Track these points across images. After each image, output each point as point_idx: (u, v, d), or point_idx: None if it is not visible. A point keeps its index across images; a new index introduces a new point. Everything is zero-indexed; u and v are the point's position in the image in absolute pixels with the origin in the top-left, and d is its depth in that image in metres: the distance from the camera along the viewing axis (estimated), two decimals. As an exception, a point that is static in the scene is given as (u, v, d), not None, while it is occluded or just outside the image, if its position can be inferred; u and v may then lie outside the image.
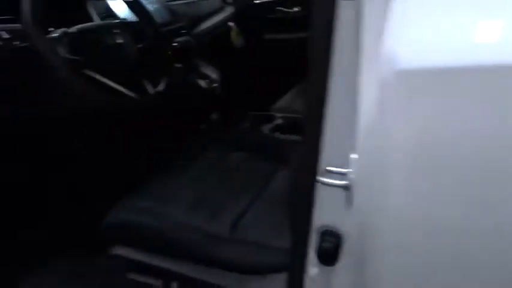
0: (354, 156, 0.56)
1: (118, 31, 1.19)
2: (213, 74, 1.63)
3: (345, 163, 0.56)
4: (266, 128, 1.57)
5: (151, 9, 1.39)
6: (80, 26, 1.12)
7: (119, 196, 1.14)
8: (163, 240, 1.03)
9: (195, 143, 1.42)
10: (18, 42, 1.14)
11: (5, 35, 1.16)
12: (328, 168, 0.58)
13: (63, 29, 1.09)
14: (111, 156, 1.44)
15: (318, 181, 0.59)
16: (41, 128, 1.25)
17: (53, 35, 1.06)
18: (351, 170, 0.56)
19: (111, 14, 1.40)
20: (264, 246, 0.97)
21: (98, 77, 1.09)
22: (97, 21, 1.32)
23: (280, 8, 2.21)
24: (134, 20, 1.31)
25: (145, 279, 1.02)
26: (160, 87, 1.25)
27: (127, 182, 1.22)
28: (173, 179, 1.19)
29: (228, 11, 2.11)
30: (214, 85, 1.60)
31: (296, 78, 2.06)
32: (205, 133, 1.66)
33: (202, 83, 1.59)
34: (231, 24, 2.08)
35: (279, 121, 1.62)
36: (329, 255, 0.62)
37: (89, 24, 1.18)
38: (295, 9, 2.15)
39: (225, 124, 1.70)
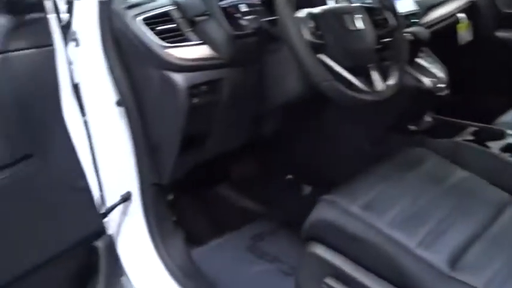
0: None
1: (360, 16, 1.10)
2: (441, 73, 1.44)
3: None
4: (495, 146, 1.33)
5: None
6: (324, 7, 1.07)
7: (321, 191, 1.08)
8: (369, 254, 0.94)
9: (407, 146, 1.28)
10: (256, 16, 1.15)
11: (244, 8, 1.17)
12: None
13: (308, 10, 1.04)
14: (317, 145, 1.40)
15: None
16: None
17: (298, 15, 1.03)
18: None
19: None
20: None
21: (331, 63, 1.03)
22: (331, 3, 1.26)
23: (526, 2, 1.85)
24: (376, 5, 1.20)
25: (344, 290, 0.95)
26: (391, 81, 1.13)
27: (331, 175, 1.16)
28: (387, 185, 1.07)
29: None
30: (441, 85, 1.42)
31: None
32: (416, 136, 1.50)
33: (427, 81, 1.42)
34: (460, 15, 1.83)
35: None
36: None
37: (333, 6, 1.11)
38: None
39: (439, 131, 1.51)
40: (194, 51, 1.07)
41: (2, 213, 0.93)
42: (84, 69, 1.10)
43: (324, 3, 1.21)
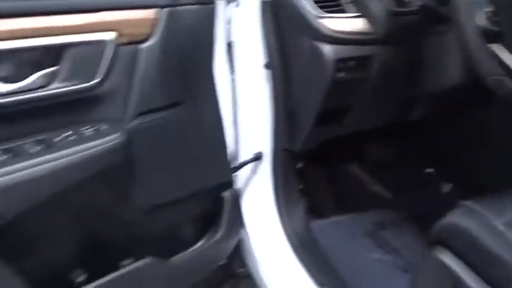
0: None
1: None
2: None
3: None
4: None
5: None
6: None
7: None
8: (504, 276, 0.82)
9: None
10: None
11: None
12: None
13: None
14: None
15: None
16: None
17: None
18: None
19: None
20: None
21: (506, 56, 0.88)
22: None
23: None
24: None
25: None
26: None
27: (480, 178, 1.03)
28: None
29: None
30: None
31: None
32: None
33: None
34: None
35: None
36: None
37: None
38: None
39: None
40: (348, 23, 1.03)
41: (150, 148, 1.03)
42: (239, 29, 1.14)
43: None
